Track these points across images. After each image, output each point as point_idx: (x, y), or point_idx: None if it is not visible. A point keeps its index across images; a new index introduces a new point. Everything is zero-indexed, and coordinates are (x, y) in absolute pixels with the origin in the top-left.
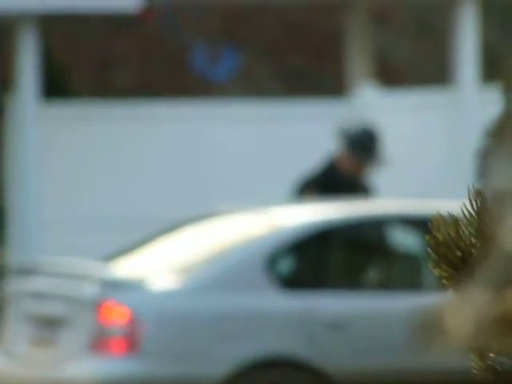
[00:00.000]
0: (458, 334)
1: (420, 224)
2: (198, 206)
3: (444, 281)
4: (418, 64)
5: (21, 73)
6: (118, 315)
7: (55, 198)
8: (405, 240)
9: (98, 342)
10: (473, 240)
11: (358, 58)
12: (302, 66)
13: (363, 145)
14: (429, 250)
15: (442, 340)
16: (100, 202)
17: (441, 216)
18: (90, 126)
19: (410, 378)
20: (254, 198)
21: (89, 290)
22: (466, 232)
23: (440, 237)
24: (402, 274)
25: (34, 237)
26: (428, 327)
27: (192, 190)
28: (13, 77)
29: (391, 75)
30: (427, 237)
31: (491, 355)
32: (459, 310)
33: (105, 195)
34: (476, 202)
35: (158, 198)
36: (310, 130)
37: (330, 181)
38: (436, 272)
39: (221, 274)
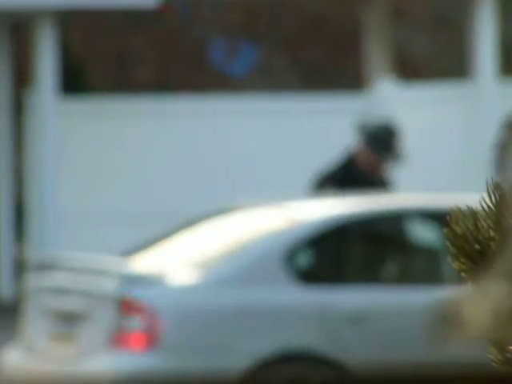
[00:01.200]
0: (475, 326)
1: (438, 217)
2: (217, 201)
3: (463, 274)
4: (436, 57)
5: (39, 68)
6: (137, 310)
7: (74, 192)
8: (423, 233)
9: (118, 337)
10: (491, 233)
11: (376, 51)
12: (320, 61)
13: (382, 141)
14: (447, 243)
15: (460, 333)
16: (118, 196)
17: (459, 209)
18: (107, 121)
19: (429, 370)
20: (272, 193)
21: (108, 285)
22: (485, 225)
23: (458, 230)
24: (420, 267)
25: (53, 232)
26: (446, 320)
27: (210, 185)
28: (31, 72)
29: (410, 69)
30: (445, 230)
31: (510, 348)
32: (477, 302)
33: (123, 190)
34: (494, 194)
35: (176, 193)
36: (328, 124)
37: (348, 175)
38: (455, 265)
39: (240, 269)
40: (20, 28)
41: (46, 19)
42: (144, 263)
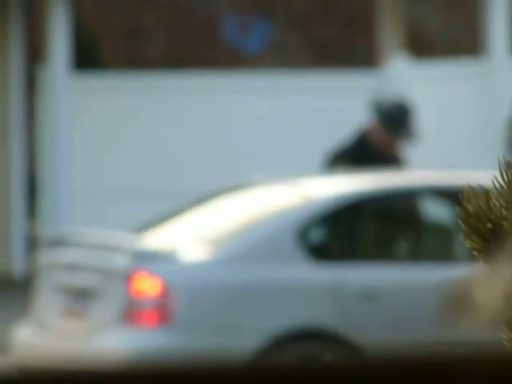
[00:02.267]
0: (487, 306)
1: (451, 195)
2: (229, 178)
3: (475, 253)
4: (449, 35)
5: (52, 44)
6: (149, 287)
7: (86, 168)
8: (436, 211)
9: (130, 314)
10: (503, 212)
11: (389, 29)
12: (333, 38)
13: (395, 119)
14: (459, 221)
15: (471, 312)
16: (131, 173)
17: (471, 188)
18: (119, 97)
19: (441, 349)
20: (285, 170)
21: (120, 262)
22: (497, 204)
23: (471, 208)
24: (433, 245)
25: (65, 208)
26: (457, 300)
27: (223, 162)
28: (44, 48)
29: (423, 46)
30: (458, 209)
31: None
32: (489, 282)
33: (136, 166)
34: (507, 173)
35: (188, 170)
36: (341, 101)
37: (362, 153)
38: (467, 244)
39: (252, 246)
40: (32, 4)
41: None
42: (156, 240)
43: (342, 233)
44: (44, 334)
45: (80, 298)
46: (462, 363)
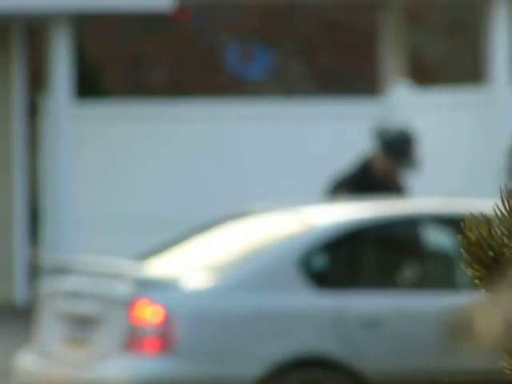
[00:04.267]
0: (487, 334)
1: (453, 223)
2: (231, 205)
3: (476, 281)
4: (451, 63)
5: (54, 72)
6: (151, 314)
7: (88, 196)
8: (438, 239)
9: (132, 341)
10: (505, 240)
11: (391, 56)
12: (336, 65)
13: (398, 148)
14: (461, 249)
15: (472, 340)
16: (132, 200)
17: (473, 216)
18: (122, 125)
19: (444, 376)
20: (287, 197)
21: (122, 289)
22: (499, 232)
23: (472, 236)
24: (435, 273)
25: (67, 236)
26: (459, 327)
27: (225, 189)
28: (46, 76)
29: (425, 74)
30: (459, 237)
31: None
32: (490, 311)
33: (138, 194)
34: (508, 201)
35: (190, 198)
36: (343, 129)
37: (364, 180)
38: (469, 272)
39: (254, 273)
40: (35, 32)
41: (61, 23)
42: (158, 267)
43: (343, 260)
44: (46, 362)
45: (82, 325)
46: None
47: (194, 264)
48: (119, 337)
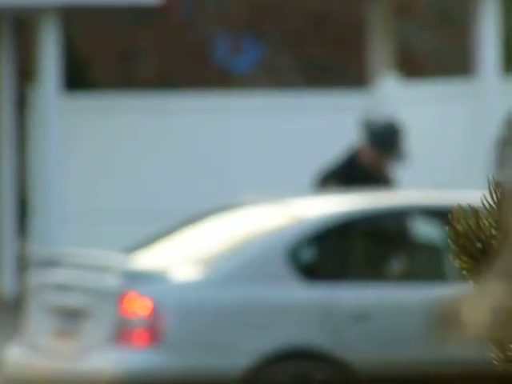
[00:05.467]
0: (475, 325)
1: (441, 215)
2: (220, 198)
3: (464, 272)
4: (439, 55)
5: (43, 65)
6: (140, 307)
7: (77, 189)
8: (426, 231)
9: (120, 334)
10: (493, 231)
11: (379, 49)
12: (324, 57)
13: (385, 139)
14: (449, 241)
15: (459, 331)
16: (121, 193)
17: (461, 207)
18: (111, 118)
19: (432, 368)
20: (274, 190)
21: (111, 282)
22: (486, 223)
23: (460, 228)
24: (424, 264)
25: (56, 228)
26: (446, 318)
27: (213, 182)
28: (35, 68)
29: (413, 66)
30: (447, 228)
31: (511, 346)
32: (477, 301)
33: (126, 186)
34: (496, 192)
35: (179, 190)
36: (331, 121)
37: (351, 173)
38: (456, 263)
39: (243, 266)
40: (23, 24)
41: (50, 16)
42: (146, 260)
43: (331, 252)
44: (34, 355)
45: (70, 318)
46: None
47: (183, 256)
48: (108, 329)
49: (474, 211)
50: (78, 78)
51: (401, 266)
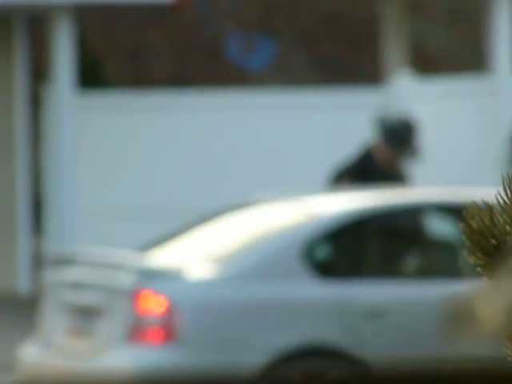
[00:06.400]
0: (489, 321)
1: (455, 212)
2: (235, 195)
3: (479, 269)
4: (453, 52)
5: (56, 63)
6: (155, 305)
7: (90, 187)
8: (441, 228)
9: (135, 332)
10: (507, 228)
11: (393, 46)
12: (338, 55)
13: (399, 137)
14: (463, 238)
15: (474, 328)
16: (135, 191)
17: (475, 204)
18: (124, 116)
19: (447, 365)
20: (290, 187)
21: (126, 280)
22: (501, 220)
23: (474, 225)
24: (438, 261)
25: (70, 226)
26: (459, 315)
27: (228, 180)
28: (49, 67)
29: (427, 63)
30: (461, 225)
31: None
32: (491, 298)
33: (140, 184)
34: (510, 189)
35: (193, 188)
36: (345, 118)
37: (366, 170)
38: (471, 260)
39: (257, 263)
40: (38, 23)
41: (64, 14)
42: (162, 258)
43: (346, 250)
44: (50, 353)
45: (86, 316)
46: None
47: (197, 254)
48: (123, 327)
49: (488, 208)
50: (91, 77)
51: (415, 262)
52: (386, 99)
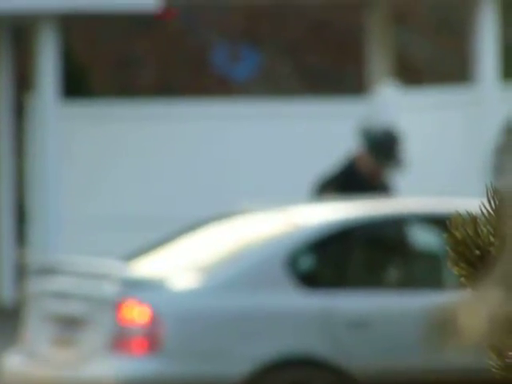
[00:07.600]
0: (473, 332)
1: (439, 222)
2: (219, 205)
3: (462, 279)
4: (438, 62)
5: (41, 72)
6: (138, 314)
7: (75, 196)
8: (424, 238)
9: (119, 342)
10: (491, 238)
11: (378, 56)
12: (323, 65)
13: (383, 147)
14: (447, 248)
15: (457, 338)
16: (120, 200)
17: (459, 215)
18: (109, 126)
19: (431, 375)
20: (273, 197)
21: (109, 290)
22: (485, 230)
23: (458, 235)
24: (422, 272)
25: (54, 236)
26: (444, 325)
27: (212, 189)
28: (33, 76)
29: (411, 74)
30: (446, 235)
31: (510, 353)
32: (475, 308)
33: (125, 194)
34: (494, 200)
35: (177, 197)
36: (330, 128)
37: (350, 180)
38: (455, 270)
39: (241, 273)
40: (22, 32)
41: (48, 23)
42: (145, 267)
43: (330, 260)
44: (33, 363)
45: (69, 326)
46: None
47: (181, 264)
48: (106, 337)
49: (472, 218)
50: (76, 86)
51: (400, 273)
52: (371, 109)
